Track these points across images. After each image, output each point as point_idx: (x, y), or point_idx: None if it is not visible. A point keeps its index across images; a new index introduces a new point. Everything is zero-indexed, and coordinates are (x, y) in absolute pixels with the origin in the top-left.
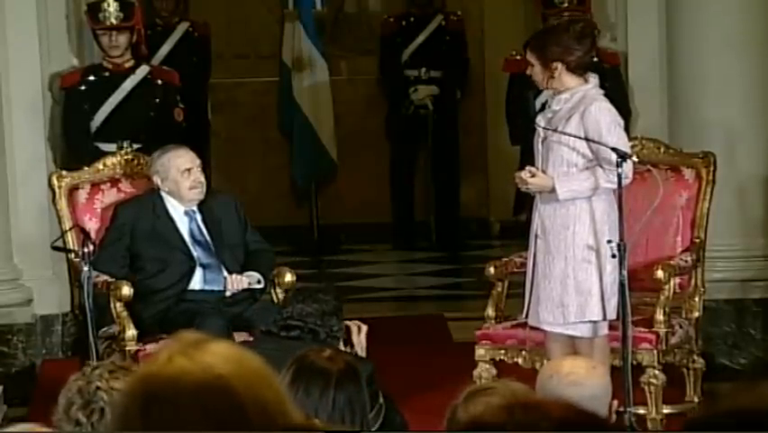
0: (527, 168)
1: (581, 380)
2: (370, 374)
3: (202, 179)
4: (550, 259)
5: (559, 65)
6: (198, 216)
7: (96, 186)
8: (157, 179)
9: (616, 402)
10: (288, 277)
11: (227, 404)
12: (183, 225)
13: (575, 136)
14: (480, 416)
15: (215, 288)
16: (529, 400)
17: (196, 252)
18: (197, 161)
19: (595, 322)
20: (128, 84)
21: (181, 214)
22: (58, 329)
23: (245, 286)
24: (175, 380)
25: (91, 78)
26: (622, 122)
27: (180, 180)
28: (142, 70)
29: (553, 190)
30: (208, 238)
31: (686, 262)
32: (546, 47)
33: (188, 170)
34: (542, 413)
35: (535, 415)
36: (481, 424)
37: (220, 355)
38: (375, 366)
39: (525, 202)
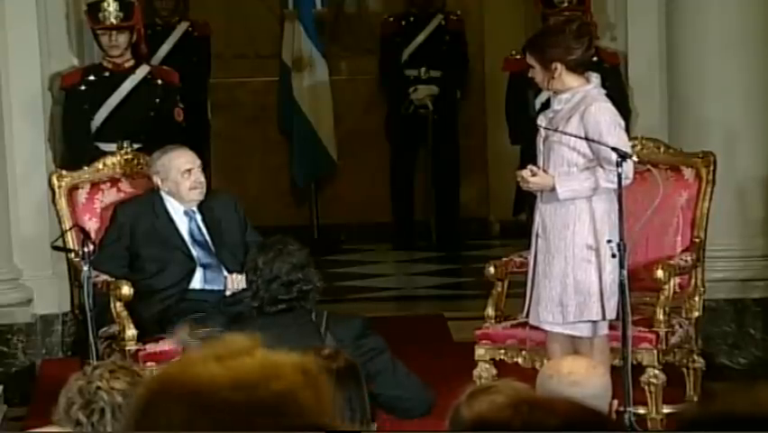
0: (529, 166)
1: (582, 379)
2: (365, 325)
3: (202, 179)
4: (550, 258)
5: (559, 65)
6: (198, 217)
7: (95, 186)
8: (157, 180)
9: (616, 402)
10: None
11: (235, 418)
12: (183, 225)
13: (575, 136)
14: (486, 414)
15: (216, 287)
16: (535, 398)
17: (195, 252)
18: (198, 162)
19: (595, 322)
20: (128, 84)
21: (181, 214)
22: (58, 329)
23: (245, 285)
24: (194, 382)
25: (91, 77)
26: (623, 122)
27: (181, 181)
28: (142, 70)
29: (553, 189)
30: (208, 238)
31: (686, 261)
32: (545, 48)
33: (189, 170)
34: (548, 411)
35: (541, 413)
36: (487, 422)
37: (252, 367)
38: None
39: (524, 202)
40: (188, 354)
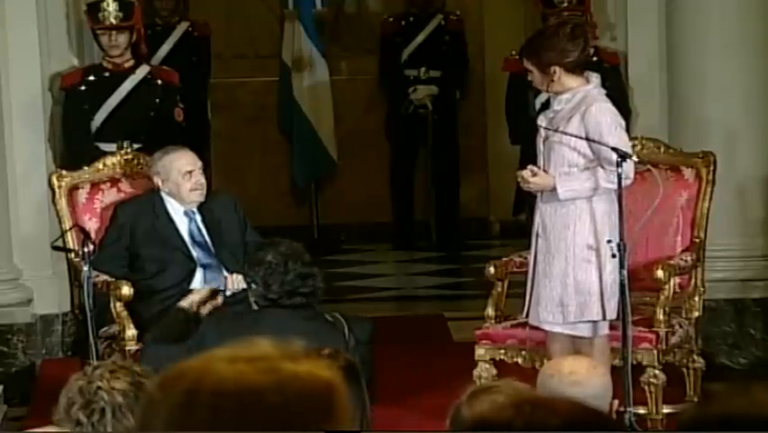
0: (529, 167)
1: (582, 379)
2: (371, 332)
3: (203, 181)
4: (550, 258)
5: (557, 68)
6: (198, 217)
7: (95, 186)
8: (157, 180)
9: (616, 402)
10: None
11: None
12: (183, 226)
13: (576, 136)
14: (487, 414)
15: (216, 287)
16: (537, 398)
17: (195, 252)
18: (199, 163)
19: (595, 322)
20: (128, 84)
21: (181, 214)
22: (58, 329)
23: (245, 286)
24: (223, 381)
25: (91, 78)
26: (623, 122)
27: (181, 182)
28: (142, 70)
29: (554, 189)
30: (207, 239)
31: (686, 261)
32: (540, 52)
33: (189, 172)
34: (550, 411)
35: (543, 412)
36: (488, 422)
37: (282, 374)
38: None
39: (524, 202)
40: (222, 352)
